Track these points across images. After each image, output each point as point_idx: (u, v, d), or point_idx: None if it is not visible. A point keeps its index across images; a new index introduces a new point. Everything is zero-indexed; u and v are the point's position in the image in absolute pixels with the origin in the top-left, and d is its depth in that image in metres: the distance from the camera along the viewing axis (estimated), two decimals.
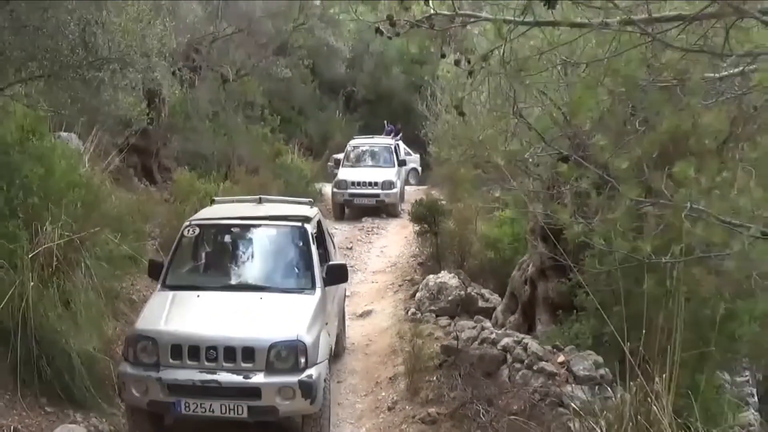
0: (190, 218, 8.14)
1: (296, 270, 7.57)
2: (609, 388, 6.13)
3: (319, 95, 29.00)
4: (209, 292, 7.23)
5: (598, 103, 4.51)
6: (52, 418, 6.82)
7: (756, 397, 9.43)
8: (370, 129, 26.26)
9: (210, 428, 6.82)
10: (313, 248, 7.56)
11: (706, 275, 4.74)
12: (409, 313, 10.08)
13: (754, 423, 8.34)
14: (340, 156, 21.30)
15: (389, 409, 7.46)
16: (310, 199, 9.42)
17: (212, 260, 8.11)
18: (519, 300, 9.36)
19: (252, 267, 7.77)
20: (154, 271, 7.60)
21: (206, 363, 6.29)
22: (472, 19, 4.88)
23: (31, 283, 6.96)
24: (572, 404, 5.29)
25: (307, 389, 6.19)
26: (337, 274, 7.57)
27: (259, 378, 6.23)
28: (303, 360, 6.27)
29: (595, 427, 4.23)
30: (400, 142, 23.24)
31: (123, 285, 9.43)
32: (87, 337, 7.45)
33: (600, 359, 6.74)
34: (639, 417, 3.91)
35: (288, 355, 6.28)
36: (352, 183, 18.52)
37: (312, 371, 6.30)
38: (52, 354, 7.02)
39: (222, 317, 6.81)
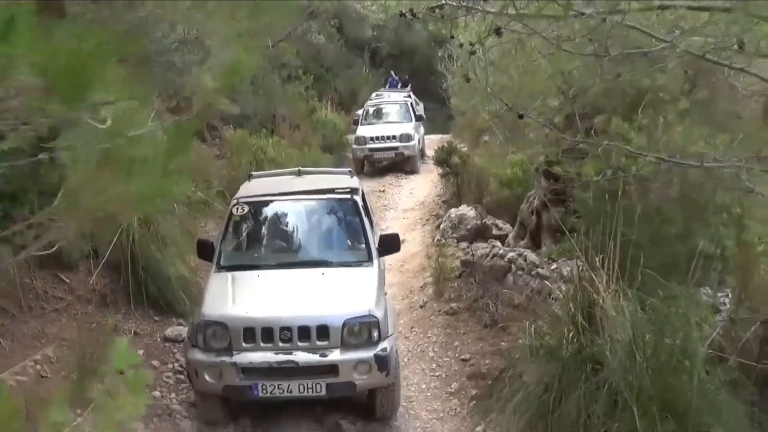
0: (236, 196, 8.05)
1: (352, 243, 7.53)
2: None
3: (346, 52, 30.44)
4: (268, 270, 7.16)
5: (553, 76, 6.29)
6: (160, 324, 8.82)
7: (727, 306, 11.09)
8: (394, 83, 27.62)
9: (275, 407, 6.99)
10: (366, 220, 7.55)
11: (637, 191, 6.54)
12: (435, 240, 11.90)
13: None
14: (360, 112, 21.98)
15: (421, 307, 9.45)
16: (350, 169, 9.36)
17: (265, 237, 7.95)
18: (527, 228, 11.14)
19: (307, 242, 7.68)
20: (204, 251, 7.52)
21: (281, 344, 6.26)
22: (474, 10, 6.64)
23: (135, 225, 8.85)
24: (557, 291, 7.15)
25: (383, 363, 6.24)
26: (391, 244, 7.52)
27: (335, 355, 6.24)
28: (376, 334, 6.31)
29: (557, 290, 6.16)
30: (411, 94, 23.45)
31: (199, 225, 11.37)
32: (179, 265, 9.42)
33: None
34: (583, 282, 5.75)
35: (362, 330, 6.31)
36: (371, 138, 19.16)
37: (385, 344, 6.35)
38: (155, 277, 8.95)
39: (289, 296, 6.78)
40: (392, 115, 20.81)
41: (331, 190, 7.87)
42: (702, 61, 5.49)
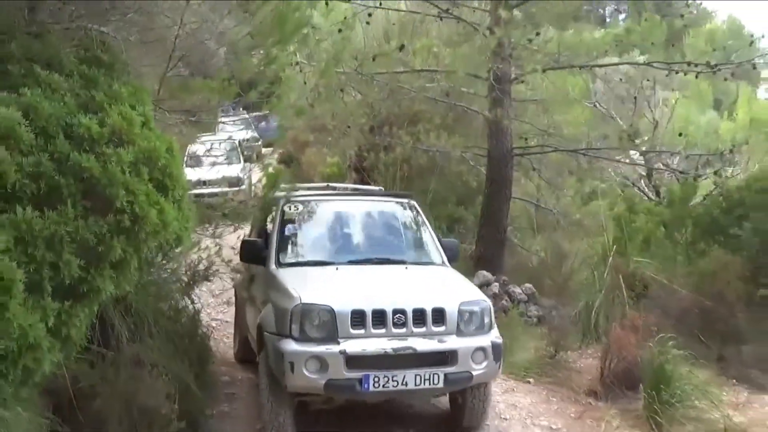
0: (286, 196, 7.06)
1: (423, 245, 6.99)
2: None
3: None
4: (342, 266, 6.33)
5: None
6: None
7: None
8: None
9: (344, 412, 5.83)
10: (428, 223, 7.13)
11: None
12: None
13: None
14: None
15: None
16: (381, 188, 8.78)
17: (325, 237, 7.03)
18: None
19: (374, 242, 6.95)
20: (250, 252, 6.58)
21: (394, 330, 5.44)
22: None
23: None
24: None
25: (498, 351, 5.64)
26: (452, 252, 6.94)
27: (453, 341, 5.53)
28: (488, 320, 5.74)
29: None
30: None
31: None
32: None
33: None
34: None
35: (477, 315, 5.68)
36: (203, 182, 15.77)
37: (497, 332, 5.81)
38: None
39: (387, 283, 6.07)
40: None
41: (389, 194, 7.78)
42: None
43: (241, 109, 23.12)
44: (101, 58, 4.50)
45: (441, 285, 6.15)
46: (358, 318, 5.38)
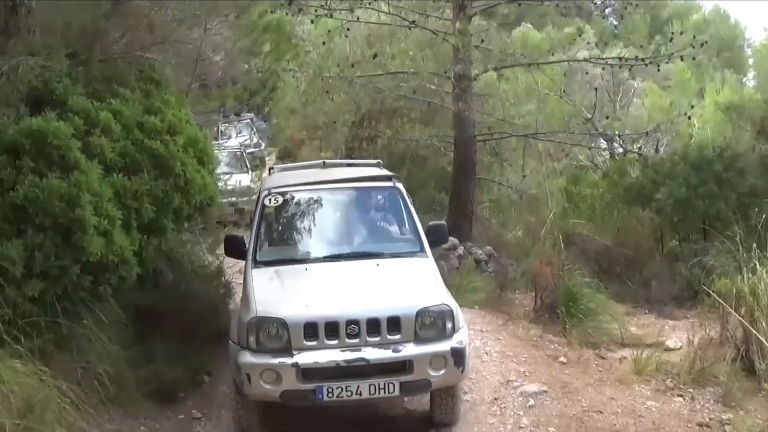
0: (266, 187, 7.16)
1: (402, 232, 6.81)
2: None
3: None
4: (316, 264, 6.30)
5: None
6: None
7: None
8: None
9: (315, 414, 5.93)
10: (411, 207, 6.90)
11: None
12: None
13: None
14: None
15: None
16: (379, 161, 8.43)
17: (304, 229, 7.00)
18: None
19: (353, 233, 6.84)
20: (233, 248, 6.59)
21: (347, 340, 5.43)
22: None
23: None
24: None
25: (459, 356, 5.51)
26: (439, 235, 6.77)
27: (409, 349, 5.45)
28: (450, 326, 5.60)
29: None
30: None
31: None
32: None
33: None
34: None
35: (436, 321, 5.57)
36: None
37: (460, 337, 5.62)
38: None
39: (349, 288, 5.95)
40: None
41: (371, 178, 7.36)
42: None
43: (246, 113, 23.07)
44: (152, 76, 6.52)
45: (405, 286, 5.91)
46: (311, 330, 5.37)
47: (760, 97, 18.10)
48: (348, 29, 12.20)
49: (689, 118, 12.94)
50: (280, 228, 6.88)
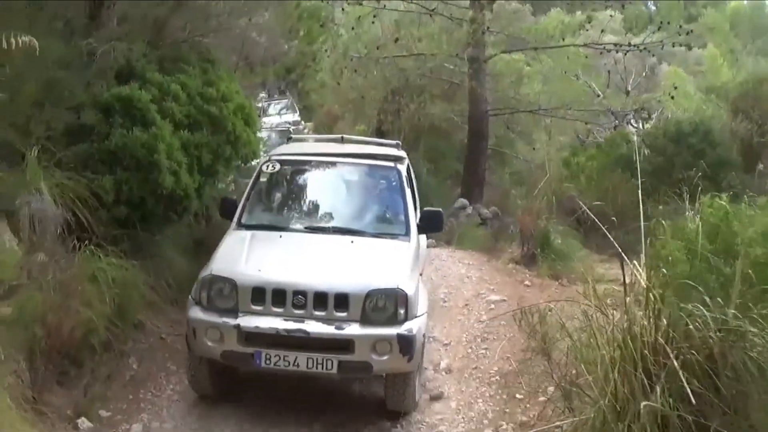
0: (270, 153, 7.48)
1: (389, 214, 6.81)
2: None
3: None
4: (293, 233, 6.43)
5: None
6: None
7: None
8: None
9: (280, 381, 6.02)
10: (407, 191, 6.90)
11: None
12: None
13: None
14: None
15: None
16: (398, 141, 8.51)
17: (294, 199, 7.19)
18: None
19: (340, 208, 6.85)
20: (228, 210, 6.74)
21: (293, 310, 5.40)
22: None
23: None
24: None
25: (406, 344, 5.34)
26: (433, 221, 6.82)
27: (353, 329, 5.35)
28: (402, 311, 5.44)
29: None
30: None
31: None
32: None
33: None
34: None
35: (387, 304, 5.45)
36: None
37: (411, 324, 5.45)
38: None
39: (310, 260, 5.94)
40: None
41: (373, 156, 7.35)
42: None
43: (285, 91, 24.32)
44: (208, 57, 8.34)
45: (365, 266, 5.84)
46: (259, 295, 5.42)
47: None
48: (375, 15, 13.88)
49: (672, 98, 14.39)
50: (270, 195, 7.03)
